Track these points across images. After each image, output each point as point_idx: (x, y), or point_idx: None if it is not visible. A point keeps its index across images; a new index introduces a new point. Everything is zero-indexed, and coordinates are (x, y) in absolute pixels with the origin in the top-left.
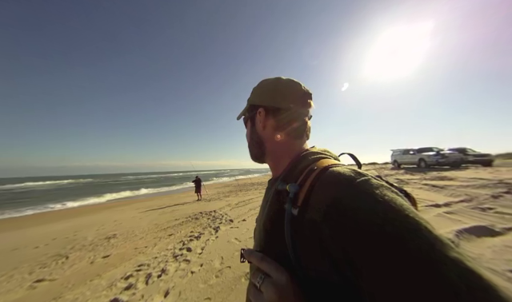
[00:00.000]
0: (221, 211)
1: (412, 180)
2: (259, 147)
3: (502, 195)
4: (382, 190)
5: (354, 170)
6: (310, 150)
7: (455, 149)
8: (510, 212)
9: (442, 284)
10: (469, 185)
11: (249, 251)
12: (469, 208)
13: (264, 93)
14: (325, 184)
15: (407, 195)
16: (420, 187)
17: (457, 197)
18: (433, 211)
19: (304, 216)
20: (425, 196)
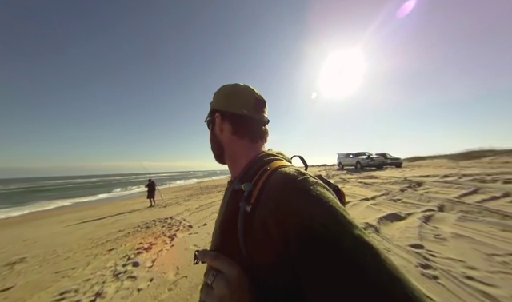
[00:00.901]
0: (178, 217)
1: (351, 178)
2: (218, 149)
3: (405, 189)
4: (316, 186)
5: (298, 171)
6: (266, 153)
7: (379, 153)
8: (410, 201)
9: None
10: (387, 182)
11: (203, 251)
12: (386, 199)
13: (221, 98)
14: (274, 182)
15: (338, 190)
16: (356, 184)
17: (379, 192)
18: (364, 203)
19: (255, 213)
20: (359, 192)
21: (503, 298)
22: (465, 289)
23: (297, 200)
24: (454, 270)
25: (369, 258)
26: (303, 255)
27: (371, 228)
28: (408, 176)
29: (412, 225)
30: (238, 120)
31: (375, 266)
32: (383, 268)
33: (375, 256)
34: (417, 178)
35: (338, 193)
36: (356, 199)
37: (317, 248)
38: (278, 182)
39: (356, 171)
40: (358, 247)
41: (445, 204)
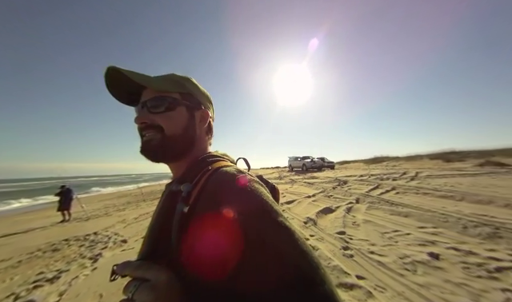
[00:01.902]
0: (107, 231)
1: (298, 179)
2: (187, 143)
3: (336, 187)
4: (252, 183)
5: (238, 170)
6: (211, 154)
7: (319, 157)
8: (339, 197)
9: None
10: (324, 182)
11: (123, 264)
12: (323, 196)
13: (202, 93)
14: (214, 181)
15: (274, 188)
16: (302, 184)
17: (318, 190)
18: (307, 200)
19: (194, 212)
20: (304, 191)
21: (389, 263)
22: (368, 261)
23: (233, 196)
24: (362, 248)
25: (290, 247)
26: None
27: (311, 222)
28: (338, 177)
29: (339, 216)
30: (211, 121)
31: (295, 253)
32: (303, 255)
33: (295, 243)
34: (344, 178)
35: (274, 191)
36: (301, 197)
37: (248, 240)
38: (218, 180)
39: (302, 172)
40: (282, 235)
41: (360, 198)
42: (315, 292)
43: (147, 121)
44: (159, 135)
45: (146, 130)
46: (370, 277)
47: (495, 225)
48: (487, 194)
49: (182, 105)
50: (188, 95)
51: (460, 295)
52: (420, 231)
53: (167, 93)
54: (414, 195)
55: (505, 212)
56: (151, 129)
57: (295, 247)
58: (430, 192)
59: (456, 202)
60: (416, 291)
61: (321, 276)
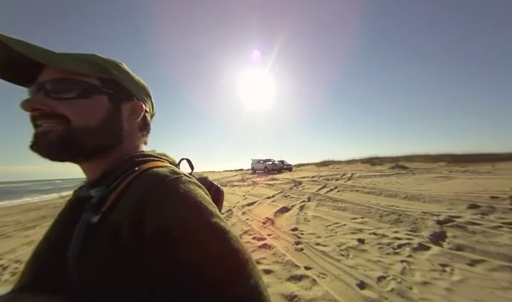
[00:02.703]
0: (2, 259)
1: (260, 181)
2: (104, 140)
3: (292, 187)
4: (187, 185)
5: (172, 171)
6: (141, 153)
7: (280, 160)
8: (294, 196)
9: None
10: (282, 183)
11: None
12: (281, 196)
13: (136, 82)
14: (140, 183)
15: (218, 190)
16: (263, 186)
17: (277, 191)
18: (267, 201)
19: (108, 221)
20: (265, 192)
21: (330, 251)
22: (315, 252)
23: (162, 199)
24: (311, 241)
25: (220, 247)
26: (159, 254)
27: (269, 221)
28: (294, 178)
29: (293, 214)
30: (147, 116)
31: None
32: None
33: (226, 242)
34: (299, 179)
35: (218, 193)
36: (261, 198)
37: (175, 245)
38: (145, 183)
39: (264, 174)
40: (214, 235)
41: (311, 196)
42: (240, 287)
43: (44, 107)
44: (61, 127)
45: (43, 119)
46: (315, 266)
47: (398, 213)
48: (395, 189)
49: (103, 94)
50: (112, 82)
51: (376, 270)
52: (352, 221)
53: (81, 76)
54: (349, 192)
55: (404, 202)
56: (50, 119)
57: (225, 246)
58: (360, 190)
59: (376, 196)
60: (348, 272)
61: (249, 270)
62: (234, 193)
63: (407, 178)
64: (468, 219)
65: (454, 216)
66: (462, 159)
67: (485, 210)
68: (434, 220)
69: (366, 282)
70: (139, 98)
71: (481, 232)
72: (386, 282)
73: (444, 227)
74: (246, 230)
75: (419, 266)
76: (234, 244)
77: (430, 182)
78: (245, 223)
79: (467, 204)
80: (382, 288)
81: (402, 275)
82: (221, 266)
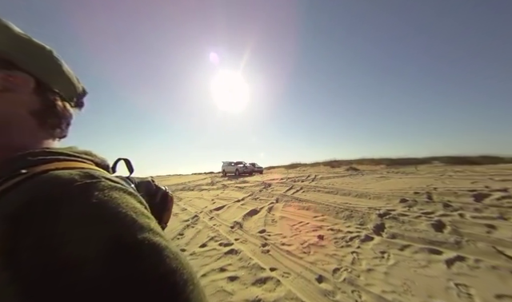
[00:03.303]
0: None
1: (230, 184)
2: None
3: (262, 189)
4: (109, 192)
5: (86, 174)
6: (51, 150)
7: (251, 163)
8: (264, 198)
9: None
10: (253, 185)
11: None
12: (251, 199)
13: (38, 55)
14: (22, 192)
15: (165, 195)
16: (233, 189)
17: (247, 193)
18: (236, 204)
19: None
20: (234, 195)
21: (294, 250)
22: (280, 252)
23: (49, 215)
24: (277, 242)
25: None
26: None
27: (238, 225)
28: (265, 180)
29: (262, 216)
30: (59, 107)
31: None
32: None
33: (161, 260)
34: (269, 181)
35: (165, 199)
36: (231, 201)
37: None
38: (31, 191)
39: (235, 177)
40: (146, 254)
41: (279, 198)
42: None
43: None
44: None
45: None
46: (280, 267)
47: (351, 209)
48: (348, 189)
49: None
50: None
51: (332, 263)
52: (314, 219)
53: None
54: (313, 192)
55: (355, 199)
56: None
57: (155, 267)
58: (321, 190)
59: (334, 195)
60: (308, 268)
61: (187, 294)
62: (202, 198)
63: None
64: (399, 211)
65: (390, 210)
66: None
67: (410, 203)
68: (376, 214)
69: (323, 276)
70: (29, 69)
71: (408, 221)
72: (339, 273)
73: (383, 219)
74: (213, 236)
75: (365, 255)
76: (168, 263)
77: (374, 182)
78: (212, 229)
79: (399, 199)
80: (336, 279)
81: (352, 265)
82: (147, 292)
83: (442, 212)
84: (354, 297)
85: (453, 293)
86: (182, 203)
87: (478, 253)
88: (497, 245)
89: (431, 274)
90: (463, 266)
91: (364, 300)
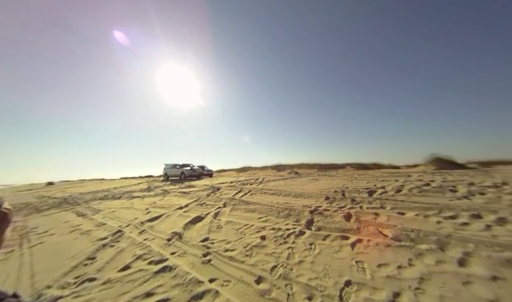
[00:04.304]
0: None
1: (173, 189)
2: None
3: (210, 194)
4: None
5: None
6: None
7: (200, 165)
8: (211, 203)
9: None
10: (200, 190)
11: None
12: (196, 205)
13: None
14: None
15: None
16: (176, 195)
17: (193, 199)
18: (178, 212)
19: None
20: (177, 202)
21: (236, 255)
22: (222, 260)
23: None
24: (220, 249)
25: None
26: None
27: (176, 236)
28: (214, 184)
29: (206, 223)
30: None
31: None
32: None
33: None
34: (218, 185)
35: None
36: (171, 209)
37: None
38: None
39: (180, 181)
40: None
41: (227, 202)
42: None
43: None
44: None
45: None
46: (220, 275)
47: (290, 208)
48: (289, 190)
49: None
50: None
51: (270, 261)
52: (259, 221)
53: None
54: (260, 194)
55: (294, 199)
56: None
57: None
58: (267, 192)
59: (277, 197)
60: (249, 271)
61: None
62: (132, 207)
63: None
64: (324, 207)
65: (318, 207)
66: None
67: (331, 200)
68: (308, 211)
69: (262, 276)
70: None
71: (329, 215)
72: (276, 270)
73: (313, 215)
74: (141, 254)
75: (298, 249)
76: None
77: (309, 183)
78: (140, 245)
79: (324, 197)
80: (273, 277)
81: (288, 260)
82: None
83: (350, 206)
84: (287, 291)
85: (353, 269)
86: (99, 216)
87: (369, 235)
88: (378, 227)
89: (342, 256)
90: (361, 246)
91: (295, 291)
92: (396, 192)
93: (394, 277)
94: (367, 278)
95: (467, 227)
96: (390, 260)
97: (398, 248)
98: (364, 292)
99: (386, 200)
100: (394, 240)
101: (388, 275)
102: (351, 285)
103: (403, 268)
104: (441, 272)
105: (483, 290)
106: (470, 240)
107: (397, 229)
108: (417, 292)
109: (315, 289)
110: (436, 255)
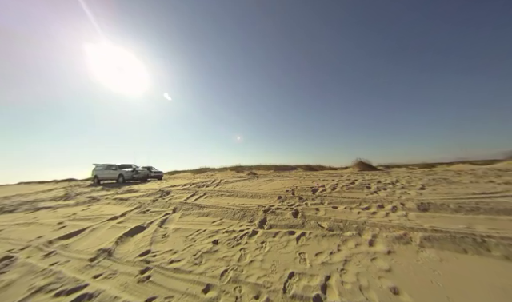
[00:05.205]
0: None
1: (105, 195)
2: None
3: (157, 199)
4: None
5: None
6: None
7: (145, 166)
8: (157, 210)
9: None
10: (144, 195)
11: None
12: (136, 213)
13: None
14: None
15: None
16: (108, 202)
17: (133, 206)
18: (110, 224)
19: None
20: (110, 211)
21: (183, 266)
22: (166, 274)
23: None
24: (164, 261)
25: None
26: None
27: (104, 254)
28: (163, 187)
29: (149, 233)
30: None
31: None
32: None
33: None
34: (168, 188)
35: None
36: (100, 221)
37: None
38: None
39: (117, 185)
40: None
41: (177, 206)
42: None
43: None
44: None
45: None
46: (161, 293)
47: (245, 209)
48: (246, 191)
49: None
50: None
51: (221, 266)
52: (212, 225)
53: None
54: (216, 197)
55: (250, 200)
56: None
57: None
58: (224, 193)
59: (234, 198)
60: (197, 281)
61: None
62: (35, 223)
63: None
64: (277, 206)
65: (271, 206)
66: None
67: (283, 199)
68: (262, 211)
69: (211, 283)
70: None
71: (280, 213)
72: (226, 275)
73: (266, 214)
74: (42, 286)
75: (250, 249)
76: None
77: (264, 184)
78: (44, 273)
79: (277, 196)
80: (223, 282)
81: (239, 262)
82: None
83: (298, 203)
84: (235, 294)
85: (297, 261)
86: None
87: (311, 228)
88: (318, 221)
89: (288, 251)
90: (304, 239)
91: (243, 292)
92: (332, 190)
93: (327, 263)
94: (307, 267)
95: (375, 215)
96: (324, 248)
97: (331, 237)
98: (304, 280)
99: (325, 197)
100: (328, 230)
101: (323, 261)
102: (294, 276)
103: (334, 253)
104: (358, 253)
105: (382, 263)
106: (376, 225)
107: (331, 221)
108: (342, 273)
109: (263, 287)
110: (356, 239)
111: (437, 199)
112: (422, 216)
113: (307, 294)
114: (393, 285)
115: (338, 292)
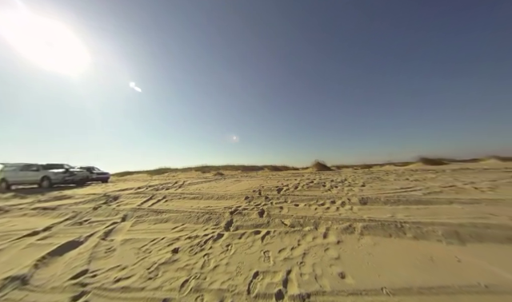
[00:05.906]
0: None
1: (18, 205)
2: None
3: (100, 206)
4: None
5: None
6: None
7: (85, 167)
8: (99, 220)
9: None
10: (80, 202)
11: None
12: (69, 225)
13: None
14: None
15: None
16: (24, 213)
17: (63, 217)
18: (26, 241)
19: None
20: (27, 225)
21: (134, 283)
22: (109, 296)
23: None
24: (107, 281)
25: None
26: None
27: (15, 283)
28: (109, 192)
29: (87, 248)
30: None
31: None
32: None
33: None
34: (116, 192)
35: None
36: (8, 240)
37: None
38: None
39: (39, 191)
40: None
41: (128, 214)
42: None
43: None
44: None
45: None
46: None
47: (210, 212)
48: (212, 192)
49: None
50: None
51: (181, 277)
52: (172, 231)
53: None
54: (177, 200)
55: (216, 202)
56: None
57: None
58: (187, 196)
59: (198, 201)
60: (150, 298)
61: None
62: None
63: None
64: (244, 206)
65: (238, 207)
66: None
67: (250, 199)
68: (229, 212)
69: (168, 297)
70: None
71: (247, 214)
72: (187, 285)
73: (233, 215)
74: None
75: (214, 254)
76: None
77: (231, 184)
78: None
79: (244, 196)
80: (182, 294)
81: (202, 269)
82: None
83: (264, 203)
84: None
85: (261, 260)
86: None
87: (275, 226)
88: (282, 219)
89: (253, 251)
90: (269, 238)
91: (206, 300)
92: (295, 189)
93: (289, 258)
94: (270, 264)
95: (328, 210)
96: (287, 244)
97: (292, 233)
98: (267, 278)
99: (288, 196)
100: (290, 227)
101: (285, 257)
102: (258, 276)
103: (294, 248)
104: (314, 245)
105: (333, 252)
106: (329, 219)
107: (293, 218)
108: (301, 266)
109: (227, 291)
110: (313, 233)
111: (373, 194)
112: (363, 209)
113: (270, 291)
114: (341, 271)
115: (297, 284)
